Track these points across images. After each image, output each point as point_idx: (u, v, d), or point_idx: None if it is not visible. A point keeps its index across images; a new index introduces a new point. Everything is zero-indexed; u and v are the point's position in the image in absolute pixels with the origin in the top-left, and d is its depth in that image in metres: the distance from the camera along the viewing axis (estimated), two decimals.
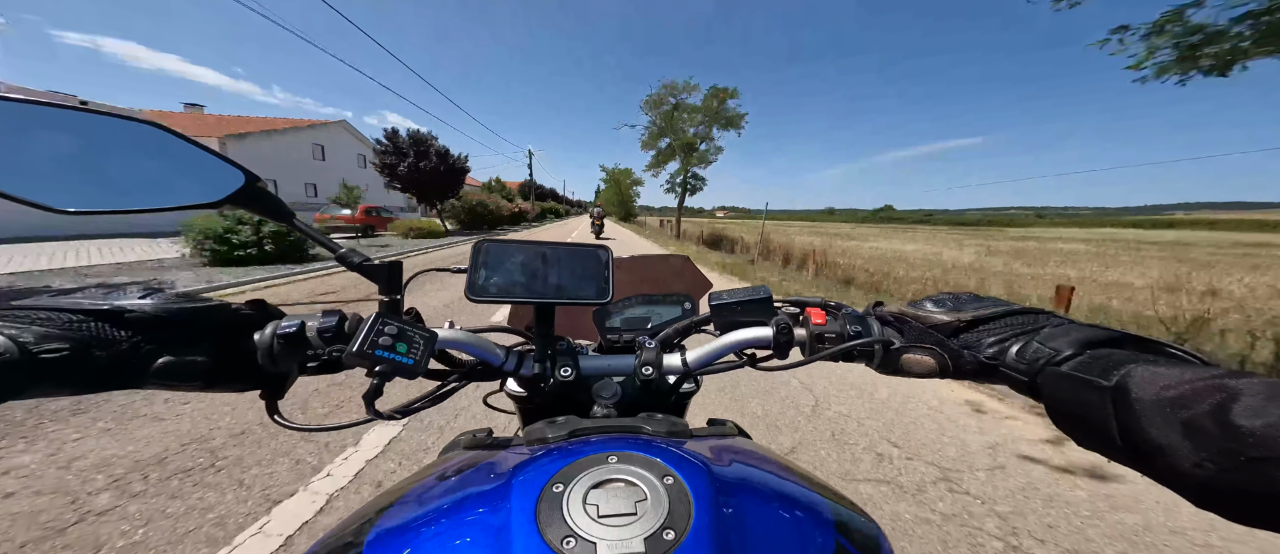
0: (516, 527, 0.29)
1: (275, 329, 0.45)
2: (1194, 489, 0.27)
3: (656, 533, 0.29)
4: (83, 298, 0.38)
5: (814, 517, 0.36)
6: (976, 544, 1.77)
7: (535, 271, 0.54)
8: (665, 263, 1.03)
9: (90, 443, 2.27)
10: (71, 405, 2.57)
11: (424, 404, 0.53)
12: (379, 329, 0.43)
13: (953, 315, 0.47)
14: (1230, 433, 0.25)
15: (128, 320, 0.38)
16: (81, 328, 0.36)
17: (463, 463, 0.42)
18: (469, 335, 0.54)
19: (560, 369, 0.56)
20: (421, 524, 0.33)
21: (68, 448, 2.22)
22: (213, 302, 0.43)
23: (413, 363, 0.44)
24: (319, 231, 0.51)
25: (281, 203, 0.48)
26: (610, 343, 0.70)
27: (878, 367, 0.51)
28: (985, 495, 2.08)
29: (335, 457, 2.20)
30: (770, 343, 0.55)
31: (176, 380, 0.39)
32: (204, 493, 1.92)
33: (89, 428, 2.39)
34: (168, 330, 0.39)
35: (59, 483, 1.95)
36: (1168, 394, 0.29)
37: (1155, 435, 0.29)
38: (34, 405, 2.55)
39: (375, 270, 0.51)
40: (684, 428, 0.48)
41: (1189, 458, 0.27)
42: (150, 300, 0.39)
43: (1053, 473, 2.29)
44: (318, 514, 1.81)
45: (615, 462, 0.35)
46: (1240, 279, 11.64)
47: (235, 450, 2.24)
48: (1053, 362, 0.37)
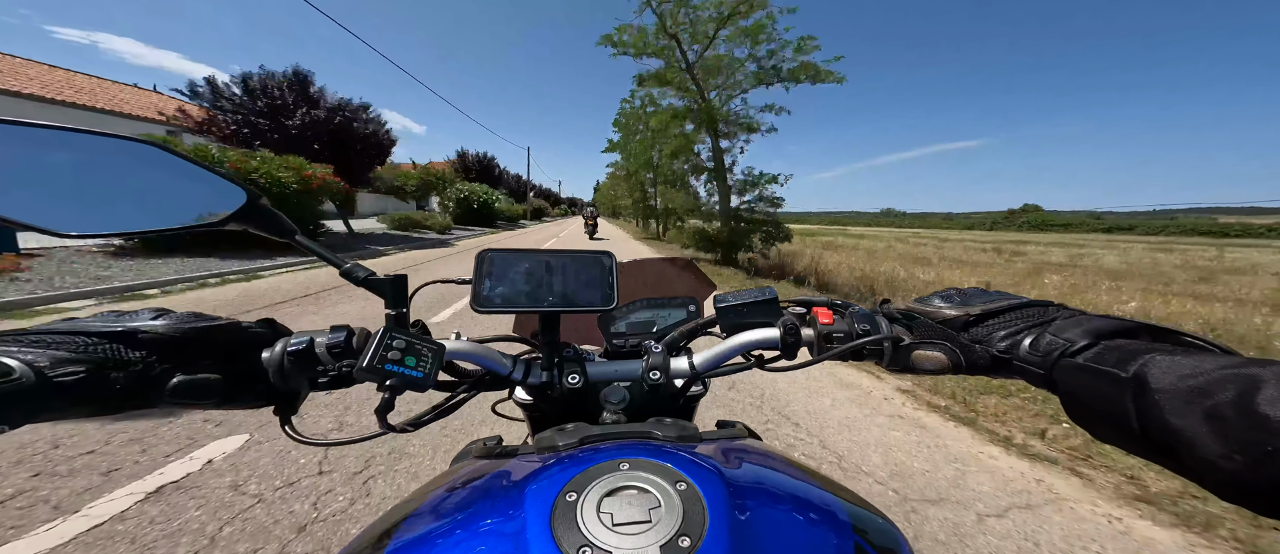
0: (533, 537, 0.29)
1: (285, 346, 0.45)
2: (1221, 483, 0.26)
3: (672, 540, 0.28)
4: (97, 322, 0.38)
5: (830, 519, 0.35)
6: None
7: (539, 280, 0.54)
8: (669, 266, 1.02)
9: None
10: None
11: (434, 416, 0.53)
12: (387, 344, 0.44)
13: (961, 310, 0.46)
14: (1255, 422, 0.24)
15: (141, 341, 0.38)
16: (96, 351, 0.36)
17: (475, 472, 0.42)
18: (476, 346, 0.54)
19: (567, 376, 0.56)
20: (439, 535, 0.33)
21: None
22: (223, 320, 0.44)
23: (422, 376, 0.44)
24: (321, 246, 0.52)
25: (284, 219, 0.49)
26: (616, 348, 0.70)
27: (888, 364, 0.50)
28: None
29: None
30: (777, 344, 0.55)
31: (192, 399, 0.39)
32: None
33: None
34: (180, 350, 0.40)
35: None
36: (1188, 383, 0.28)
37: (1178, 426, 0.27)
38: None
39: (380, 284, 0.51)
40: (694, 432, 0.48)
41: (1215, 450, 0.26)
42: (162, 321, 0.40)
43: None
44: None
45: (627, 468, 0.35)
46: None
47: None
48: (1067, 353, 0.37)
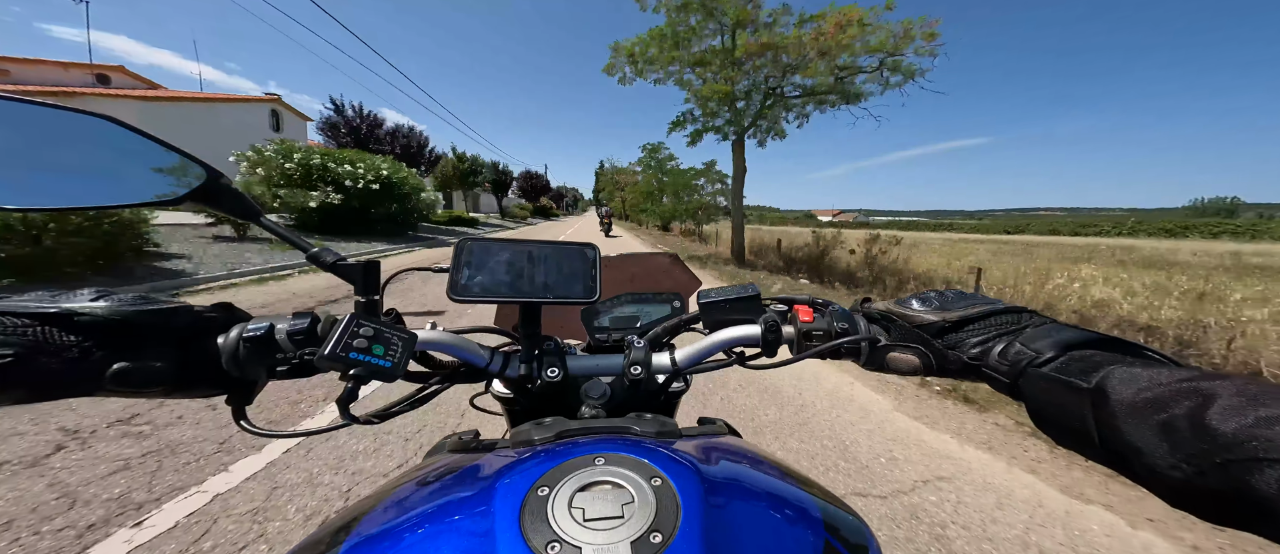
0: (500, 532, 0.28)
1: (242, 332, 0.43)
2: (1169, 490, 0.28)
3: (644, 536, 0.28)
4: (29, 301, 0.35)
5: (802, 515, 0.36)
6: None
7: (520, 270, 0.52)
8: (653, 261, 1.02)
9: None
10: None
11: (404, 408, 0.51)
12: (353, 331, 0.42)
13: (939, 315, 0.47)
14: (1205, 435, 0.26)
15: (77, 324, 0.35)
16: (26, 333, 0.33)
17: (446, 467, 0.41)
18: (451, 336, 0.52)
19: (547, 369, 0.54)
20: (402, 530, 0.32)
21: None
22: (173, 303, 0.41)
23: (390, 366, 0.43)
24: (288, 229, 0.49)
25: (247, 199, 0.46)
26: (598, 342, 0.69)
27: (864, 364, 0.51)
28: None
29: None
30: (759, 341, 0.55)
31: (134, 387, 0.37)
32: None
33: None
34: (123, 334, 0.37)
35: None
36: (1145, 396, 0.29)
37: (1132, 437, 0.29)
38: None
39: (350, 270, 0.49)
40: (673, 428, 0.47)
41: (1165, 460, 0.27)
42: (103, 303, 0.37)
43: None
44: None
45: (602, 463, 0.34)
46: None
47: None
48: (1034, 363, 0.38)
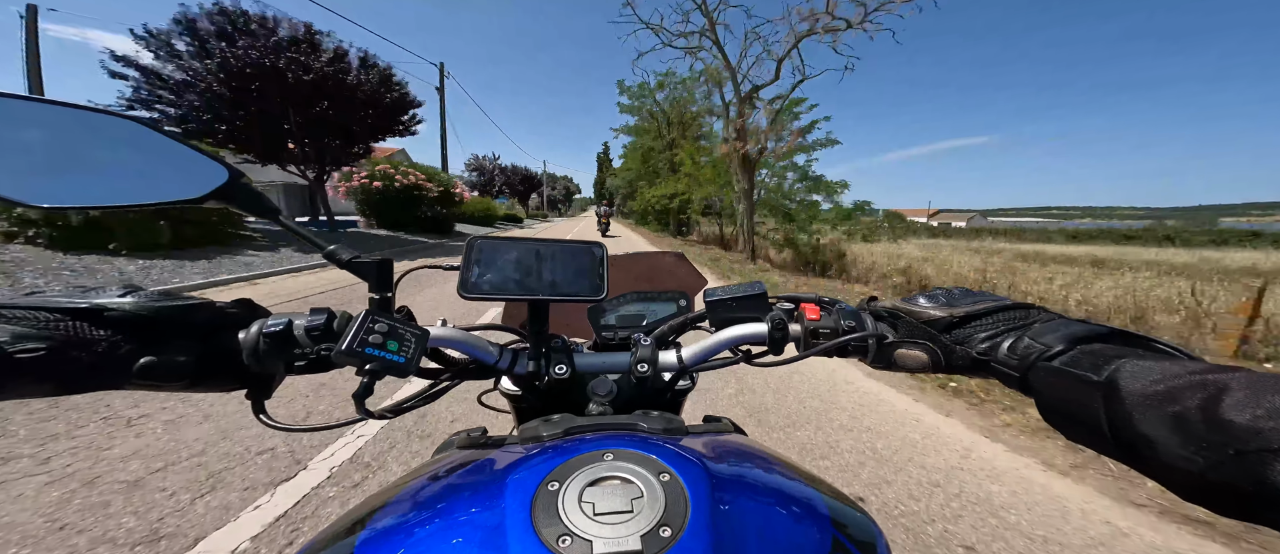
0: (511, 526, 0.29)
1: (261, 328, 0.44)
2: (1182, 483, 0.28)
3: (653, 530, 0.28)
4: (61, 297, 0.37)
5: (810, 512, 0.36)
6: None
7: (529, 268, 0.53)
8: (660, 260, 1.03)
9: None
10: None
11: (416, 403, 0.52)
12: (369, 327, 0.43)
13: (946, 310, 0.47)
14: (1218, 427, 0.26)
15: (107, 320, 0.37)
16: (58, 327, 0.35)
17: (456, 462, 0.42)
18: (462, 333, 0.53)
19: (554, 367, 0.55)
20: (415, 525, 0.32)
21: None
22: (196, 300, 0.43)
23: (404, 361, 0.44)
24: (305, 228, 0.51)
25: (264, 198, 0.47)
26: (605, 340, 0.69)
27: (871, 361, 0.51)
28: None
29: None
30: (765, 339, 0.55)
31: (159, 380, 0.38)
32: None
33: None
34: (148, 330, 0.38)
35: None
36: (1157, 389, 0.29)
37: (1145, 430, 0.29)
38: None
39: (365, 267, 0.50)
40: (680, 425, 0.48)
41: (1178, 452, 0.27)
42: (130, 299, 0.39)
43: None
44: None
45: (611, 459, 0.34)
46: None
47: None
48: (1044, 357, 0.38)
